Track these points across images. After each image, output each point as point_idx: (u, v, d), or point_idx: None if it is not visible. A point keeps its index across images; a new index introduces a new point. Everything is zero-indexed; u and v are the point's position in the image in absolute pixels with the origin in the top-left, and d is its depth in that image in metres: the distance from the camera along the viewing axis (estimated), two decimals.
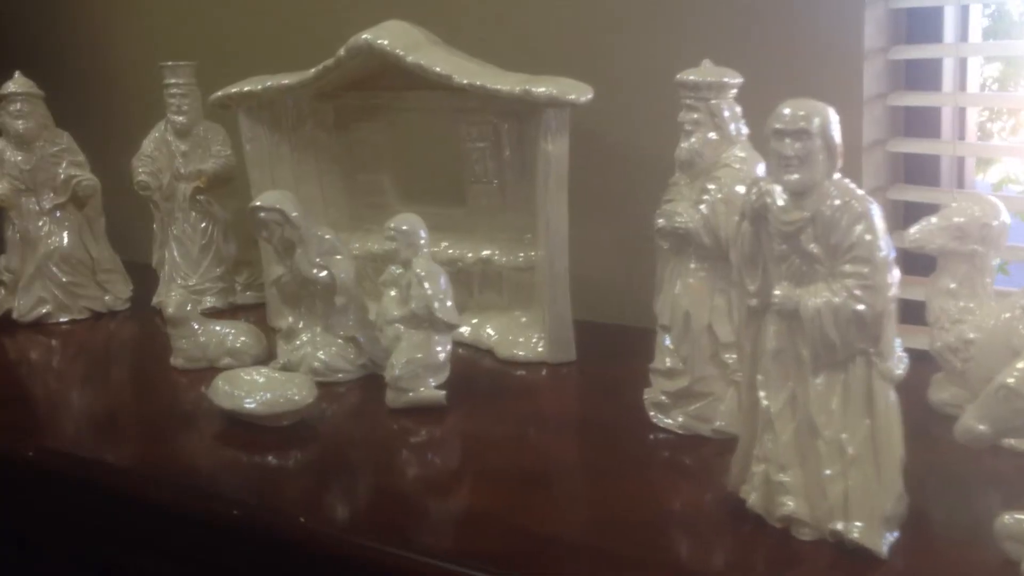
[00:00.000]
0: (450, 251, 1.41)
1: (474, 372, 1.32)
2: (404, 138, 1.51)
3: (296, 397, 1.15)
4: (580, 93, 1.23)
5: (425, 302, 1.18)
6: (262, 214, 1.26)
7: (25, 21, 2.16)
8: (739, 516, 0.90)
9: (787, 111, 0.81)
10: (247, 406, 1.14)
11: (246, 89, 1.44)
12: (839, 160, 0.82)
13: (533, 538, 0.89)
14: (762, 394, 0.87)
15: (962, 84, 1.35)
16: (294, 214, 1.26)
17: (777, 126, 0.82)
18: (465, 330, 1.38)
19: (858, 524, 0.82)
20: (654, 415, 1.11)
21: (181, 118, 1.61)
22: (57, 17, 2.12)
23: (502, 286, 1.41)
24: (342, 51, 1.33)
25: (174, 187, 1.63)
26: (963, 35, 1.34)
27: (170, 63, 1.60)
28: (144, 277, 1.71)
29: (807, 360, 0.83)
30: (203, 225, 1.64)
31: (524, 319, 1.38)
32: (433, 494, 1.01)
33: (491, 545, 0.89)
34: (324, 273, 1.27)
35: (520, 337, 1.36)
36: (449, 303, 1.19)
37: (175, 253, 1.65)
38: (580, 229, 1.31)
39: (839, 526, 0.83)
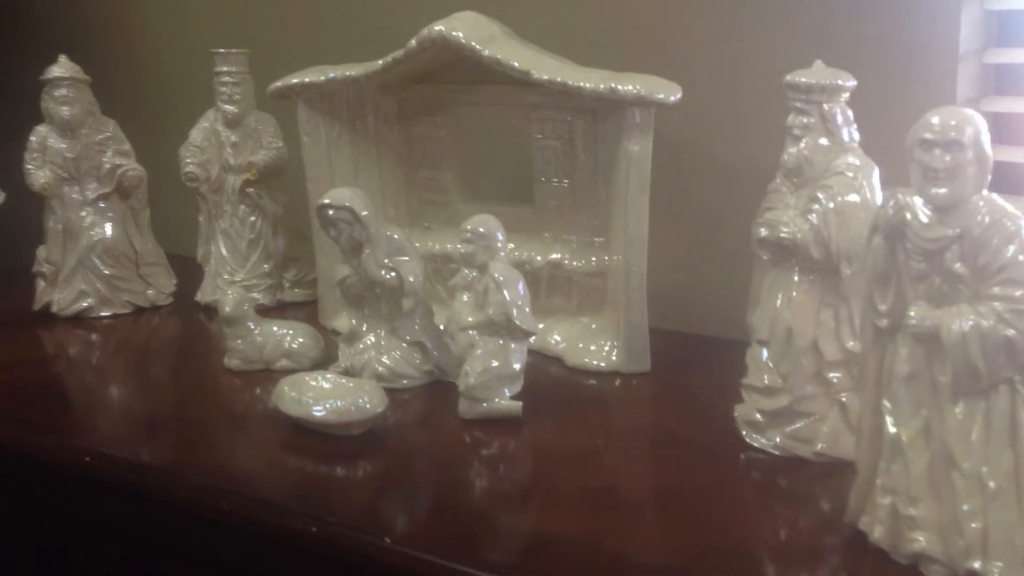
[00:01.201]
0: (516, 253, 1.34)
1: (543, 380, 1.26)
2: (469, 134, 1.45)
3: (367, 405, 1.09)
4: (669, 92, 1.17)
5: (503, 309, 1.12)
6: (331, 212, 1.20)
7: (70, 4, 2.10)
8: (855, 548, 0.85)
9: (936, 120, 0.76)
10: (316, 414, 1.09)
11: (308, 80, 1.37)
12: (989, 174, 0.76)
13: (611, 563, 0.84)
14: (889, 420, 0.82)
15: None
16: (364, 213, 1.19)
17: (926, 136, 0.76)
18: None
19: (998, 564, 0.76)
20: (747, 434, 1.05)
21: (232, 108, 1.54)
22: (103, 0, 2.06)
23: (571, 291, 1.35)
24: (413, 42, 1.26)
25: (223, 179, 1.57)
26: None
27: (222, 50, 1.54)
28: (188, 271, 1.65)
29: (945, 387, 0.78)
30: (252, 219, 1.57)
31: (594, 325, 1.32)
32: (507, 510, 0.95)
33: (564, 568, 0.84)
34: (392, 275, 1.21)
35: (591, 345, 1.30)
36: (528, 310, 1.13)
37: (222, 247, 1.59)
38: (655, 233, 1.25)
39: (976, 565, 0.77)
